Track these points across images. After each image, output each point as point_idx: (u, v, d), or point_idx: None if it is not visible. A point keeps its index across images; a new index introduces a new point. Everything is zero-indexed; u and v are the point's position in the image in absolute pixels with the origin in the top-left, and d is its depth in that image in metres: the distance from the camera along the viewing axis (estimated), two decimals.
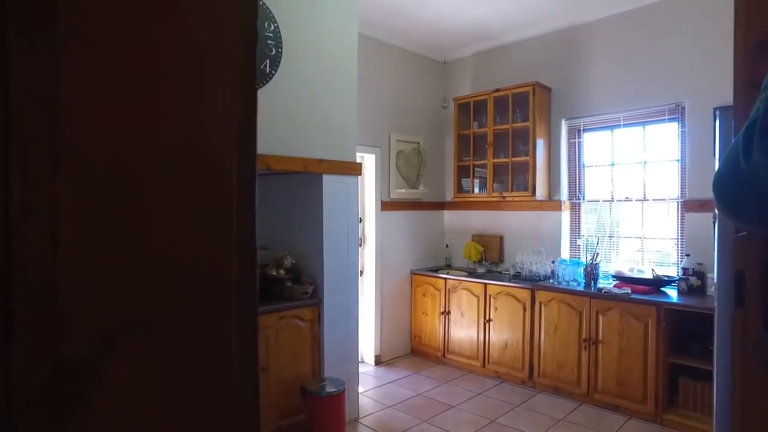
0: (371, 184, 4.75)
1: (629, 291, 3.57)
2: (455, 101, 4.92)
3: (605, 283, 3.91)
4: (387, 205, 4.85)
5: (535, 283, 4.12)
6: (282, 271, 3.38)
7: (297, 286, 3.33)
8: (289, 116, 3.13)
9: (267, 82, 3.01)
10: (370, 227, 4.78)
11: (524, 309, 4.14)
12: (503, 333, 4.29)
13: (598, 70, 4.26)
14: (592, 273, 3.91)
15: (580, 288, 3.87)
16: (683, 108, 3.79)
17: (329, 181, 3.35)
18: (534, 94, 4.32)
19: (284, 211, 3.67)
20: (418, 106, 5.18)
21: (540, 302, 4.02)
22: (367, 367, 4.76)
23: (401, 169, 4.95)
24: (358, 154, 4.63)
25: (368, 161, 4.77)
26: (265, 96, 3.00)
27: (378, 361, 4.83)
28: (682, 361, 3.34)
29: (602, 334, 3.65)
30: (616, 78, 4.13)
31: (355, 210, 3.54)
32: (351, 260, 3.51)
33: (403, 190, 4.94)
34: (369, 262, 4.80)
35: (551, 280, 4.16)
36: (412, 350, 5.13)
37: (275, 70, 3.04)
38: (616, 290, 3.60)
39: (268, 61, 3.01)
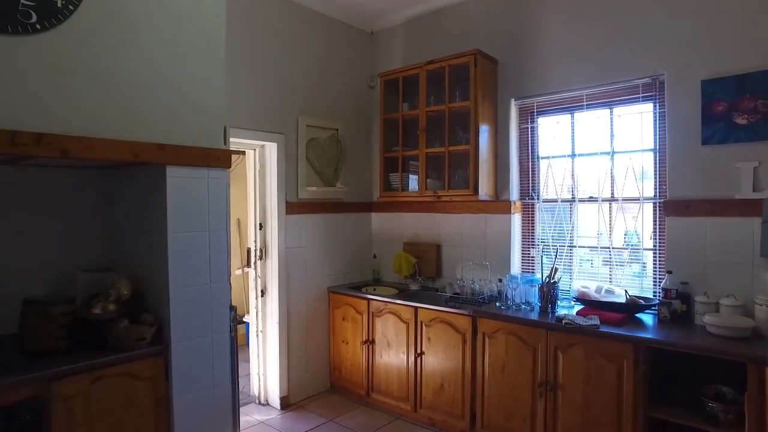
0: (273, 181, 3.71)
1: (597, 321, 2.69)
2: (381, 77, 3.95)
3: (566, 309, 3.04)
4: (294, 207, 3.82)
5: (477, 307, 3.20)
6: (111, 306, 2.31)
7: (132, 327, 2.27)
8: (104, 77, 2.06)
9: (60, 21, 1.93)
10: (272, 235, 3.74)
11: (464, 341, 3.21)
12: (439, 370, 3.35)
13: (555, 36, 3.38)
14: (549, 294, 3.03)
15: (534, 315, 2.97)
16: (662, 83, 2.95)
17: (178, 176, 2.30)
18: (476, 66, 3.40)
19: (126, 217, 2.60)
20: (338, 85, 4.17)
21: (483, 333, 3.10)
22: (270, 413, 3.73)
23: (313, 162, 3.94)
24: (253, 142, 3.62)
25: (269, 151, 3.73)
26: (56, 42, 1.92)
27: (285, 404, 3.81)
28: (666, 415, 2.48)
29: (562, 377, 2.77)
30: (578, 46, 3.26)
31: (223, 216, 2.49)
32: (217, 286, 2.46)
33: (316, 189, 3.93)
34: (272, 279, 3.77)
35: (498, 303, 3.25)
36: (332, 386, 4.13)
37: (75, 5, 1.96)
38: (580, 320, 2.72)
39: None
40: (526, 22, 3.51)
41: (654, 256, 3.05)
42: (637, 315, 2.87)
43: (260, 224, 3.77)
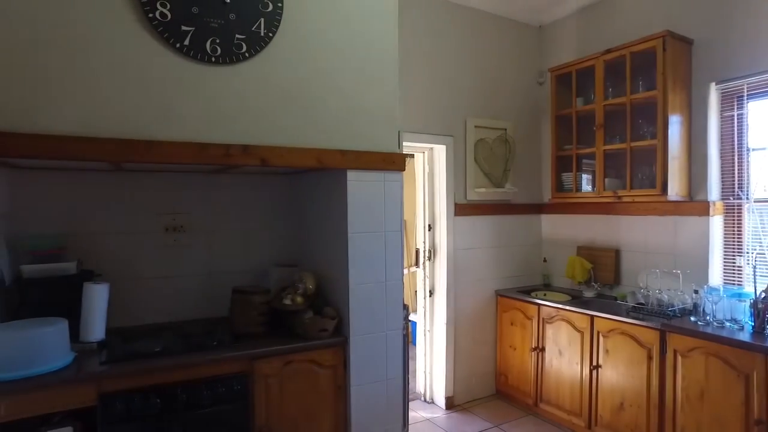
0: (442, 183, 3.78)
1: None
2: (551, 72, 3.75)
3: None
4: (463, 208, 3.84)
5: (666, 320, 2.85)
6: (299, 299, 2.58)
7: (316, 318, 2.51)
8: (294, 94, 2.31)
9: (262, 48, 2.23)
10: (441, 236, 3.81)
11: (649, 357, 2.88)
12: (618, 387, 3.06)
13: None
14: (765, 312, 2.56)
15: (745, 336, 2.53)
16: None
17: (357, 180, 2.48)
18: (664, 50, 3.03)
19: (310, 219, 2.88)
20: (505, 84, 4.09)
21: (675, 351, 2.75)
22: (435, 411, 3.81)
23: (482, 164, 3.91)
24: (423, 145, 3.73)
25: (438, 154, 3.81)
26: (258, 66, 2.22)
27: (450, 405, 3.84)
28: None
29: None
30: None
31: (397, 217, 2.62)
32: (391, 285, 2.60)
33: (485, 190, 3.89)
34: (440, 279, 3.84)
35: (693, 318, 2.85)
36: (497, 392, 4.05)
37: (273, 33, 2.25)
38: None
39: (262, 20, 2.22)
40: None
41: None
42: None
43: (429, 225, 3.87)
